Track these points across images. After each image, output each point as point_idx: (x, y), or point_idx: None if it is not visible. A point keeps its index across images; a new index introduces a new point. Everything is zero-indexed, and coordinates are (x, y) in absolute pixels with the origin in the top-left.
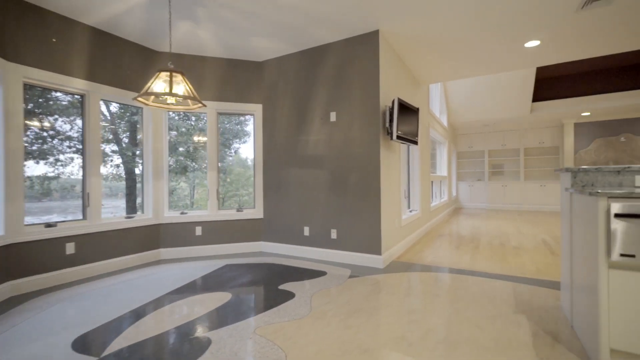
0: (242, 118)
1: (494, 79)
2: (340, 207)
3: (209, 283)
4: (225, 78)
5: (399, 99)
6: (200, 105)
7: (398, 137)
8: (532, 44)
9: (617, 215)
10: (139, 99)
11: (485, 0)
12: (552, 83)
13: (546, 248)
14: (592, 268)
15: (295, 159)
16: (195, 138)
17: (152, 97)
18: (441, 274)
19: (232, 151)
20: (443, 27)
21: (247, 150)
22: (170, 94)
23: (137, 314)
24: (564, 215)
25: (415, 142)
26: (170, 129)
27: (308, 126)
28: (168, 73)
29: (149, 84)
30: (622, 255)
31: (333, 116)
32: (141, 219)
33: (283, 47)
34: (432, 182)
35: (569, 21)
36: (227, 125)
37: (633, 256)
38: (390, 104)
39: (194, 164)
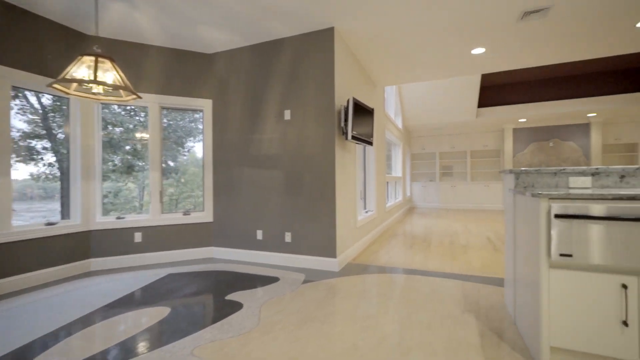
0: (196, 115)
1: (444, 84)
2: (294, 208)
3: (145, 296)
4: (170, 70)
5: (354, 99)
6: (134, 96)
7: (353, 137)
8: (478, 51)
9: (557, 216)
10: (56, 85)
11: (433, 6)
12: (495, 90)
13: (490, 245)
14: (533, 267)
15: (248, 158)
16: (139, 135)
17: (74, 85)
18: (395, 275)
19: (186, 150)
20: (395, 29)
21: (202, 149)
22: (95, 81)
23: (50, 339)
24: (508, 215)
25: (371, 143)
26: (114, 125)
27: (261, 124)
28: (93, 58)
29: (67, 69)
30: (561, 255)
31: (287, 114)
32: (66, 225)
33: (235, 39)
34: (387, 182)
35: (510, 31)
36: (181, 123)
37: (570, 256)
38: (346, 104)
39: (142, 163)
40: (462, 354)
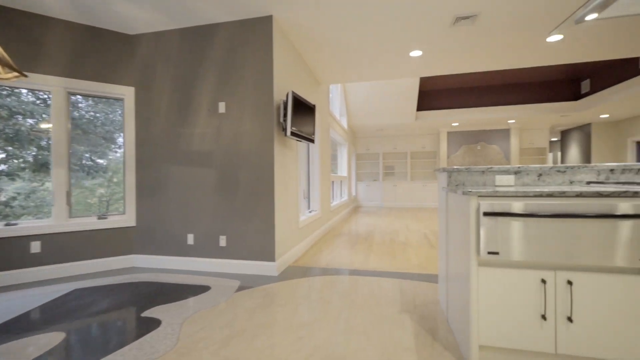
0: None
1: (386, 86)
2: (230, 210)
3: (37, 320)
4: (82, 50)
5: (293, 93)
6: (18, 75)
7: (293, 134)
8: (416, 53)
9: (485, 214)
10: None
11: (370, 2)
12: (432, 95)
13: (427, 242)
14: (464, 265)
15: (177, 154)
16: (44, 125)
17: None
18: (336, 277)
19: (118, 146)
20: (334, 24)
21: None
22: None
23: None
24: (441, 212)
25: (312, 140)
26: (23, 115)
27: (193, 117)
28: None
29: None
30: (489, 252)
31: (222, 107)
32: None
33: (161, 20)
34: (332, 182)
35: (444, 36)
36: (111, 116)
37: (497, 253)
38: (285, 98)
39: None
40: (396, 359)
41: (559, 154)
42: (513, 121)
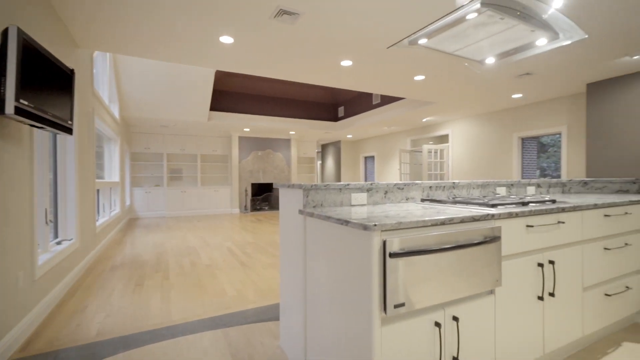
0: None
1: (175, 76)
2: None
3: None
4: None
5: (23, 34)
6: None
7: (22, 112)
8: (226, 39)
9: (392, 255)
10: None
11: None
12: (227, 96)
13: (235, 259)
14: (357, 325)
15: None
16: None
17: None
18: (122, 355)
19: None
20: None
21: None
22: None
23: None
24: (295, 239)
25: (67, 129)
26: None
27: None
28: None
29: None
30: (395, 306)
31: None
32: None
33: None
34: (98, 190)
35: (262, 27)
36: None
37: (403, 305)
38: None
39: None
40: None
41: (319, 162)
42: (293, 132)
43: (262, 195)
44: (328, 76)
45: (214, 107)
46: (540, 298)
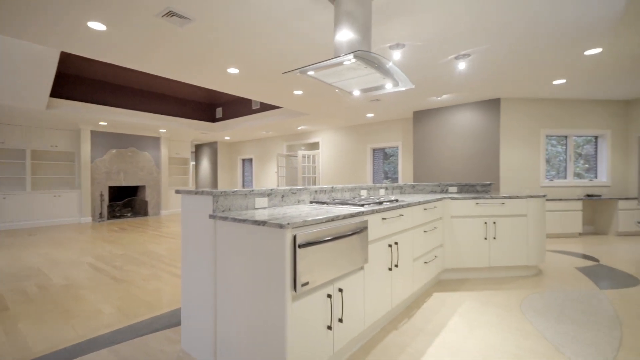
0: None
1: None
2: None
3: None
4: None
5: None
6: None
7: None
8: (96, 26)
9: (301, 246)
10: None
11: None
12: (75, 81)
13: (104, 275)
14: (271, 303)
15: None
16: None
17: None
18: None
19: None
20: None
21: None
22: None
23: None
24: (203, 243)
25: None
26: None
27: None
28: None
29: None
30: (302, 285)
31: None
32: None
33: None
34: None
35: (143, 19)
36: None
37: (308, 283)
38: None
39: None
40: None
41: (193, 164)
42: (164, 130)
43: (124, 200)
44: (213, 80)
45: (58, 93)
46: (390, 269)
